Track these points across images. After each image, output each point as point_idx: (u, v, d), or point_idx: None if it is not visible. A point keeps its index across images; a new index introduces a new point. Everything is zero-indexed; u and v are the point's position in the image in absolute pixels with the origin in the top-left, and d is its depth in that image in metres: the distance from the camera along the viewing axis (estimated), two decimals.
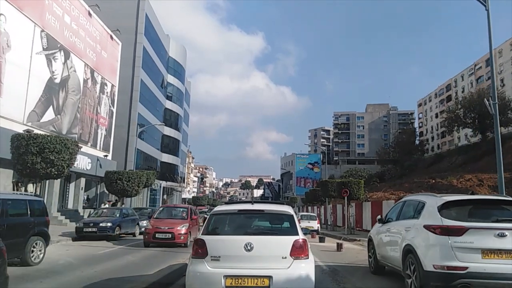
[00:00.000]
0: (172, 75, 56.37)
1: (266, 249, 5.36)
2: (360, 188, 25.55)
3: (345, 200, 25.27)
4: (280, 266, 5.23)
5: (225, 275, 5.11)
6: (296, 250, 5.35)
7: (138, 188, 25.78)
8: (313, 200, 40.04)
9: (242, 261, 5.23)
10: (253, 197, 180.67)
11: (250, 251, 5.23)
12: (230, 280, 5.09)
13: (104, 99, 32.75)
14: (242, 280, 5.09)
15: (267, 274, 5.11)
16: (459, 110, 63.21)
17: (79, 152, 27.83)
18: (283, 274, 5.16)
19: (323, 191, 31.68)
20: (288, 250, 5.32)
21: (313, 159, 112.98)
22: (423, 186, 47.00)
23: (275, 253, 5.33)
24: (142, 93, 43.25)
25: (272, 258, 5.30)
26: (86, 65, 29.28)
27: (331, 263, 11.57)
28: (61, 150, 15.66)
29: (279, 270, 5.18)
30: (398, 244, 7.30)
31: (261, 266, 5.20)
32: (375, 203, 31.06)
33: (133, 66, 41.49)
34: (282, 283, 5.10)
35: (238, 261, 5.24)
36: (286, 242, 5.40)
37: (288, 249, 5.32)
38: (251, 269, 5.16)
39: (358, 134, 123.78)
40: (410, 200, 8.10)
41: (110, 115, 34.22)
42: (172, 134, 56.94)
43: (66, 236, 17.00)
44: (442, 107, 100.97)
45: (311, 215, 29.49)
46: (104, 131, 32.91)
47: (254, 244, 5.27)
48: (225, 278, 5.10)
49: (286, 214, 5.90)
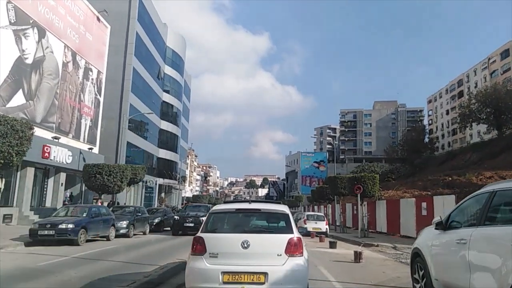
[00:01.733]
0: (170, 67, 53.11)
1: (262, 247, 5.49)
2: (375, 184, 22.18)
3: (358, 198, 21.91)
4: (275, 263, 5.36)
5: (222, 271, 5.25)
6: (291, 248, 5.46)
7: (122, 184, 22.58)
8: (320, 199, 36.63)
9: (239, 258, 5.35)
10: (257, 196, 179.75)
11: (246, 248, 5.35)
12: (227, 276, 5.23)
13: (88, 86, 29.62)
14: (239, 276, 5.23)
15: (262, 271, 5.25)
16: (473, 104, 60.34)
17: (58, 143, 25.08)
18: (278, 271, 5.29)
19: (331, 188, 28.28)
20: (283, 248, 5.44)
21: (318, 158, 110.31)
22: (438, 183, 43.57)
23: (270, 251, 5.46)
24: (135, 83, 40.10)
25: (267, 255, 5.43)
26: (66, 46, 26.16)
27: (353, 284, 8.15)
28: (6, 133, 12.43)
29: (274, 267, 5.31)
30: (491, 270, 3.99)
31: (257, 263, 5.32)
32: (392, 202, 27.64)
33: (125, 54, 38.38)
34: (277, 279, 5.24)
35: (235, 258, 5.36)
36: (281, 240, 5.52)
37: (283, 247, 5.45)
38: (248, 266, 5.29)
39: (365, 132, 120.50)
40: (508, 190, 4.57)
41: (96, 104, 31.08)
42: (170, 129, 53.68)
43: (19, 241, 13.84)
44: (453, 104, 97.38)
45: (319, 215, 26.11)
46: (89, 121, 29.79)
47: (250, 241, 5.38)
48: (223, 274, 5.24)
49: (282, 213, 5.98)
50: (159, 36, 48.61)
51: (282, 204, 6.67)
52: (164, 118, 51.52)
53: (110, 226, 16.72)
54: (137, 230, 19.97)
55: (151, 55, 45.48)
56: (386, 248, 16.90)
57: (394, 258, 13.69)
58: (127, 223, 18.49)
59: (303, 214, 27.41)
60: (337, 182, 27.28)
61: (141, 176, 28.03)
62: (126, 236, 18.31)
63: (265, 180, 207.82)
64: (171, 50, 53.20)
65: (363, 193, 21.75)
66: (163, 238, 19.81)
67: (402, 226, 23.10)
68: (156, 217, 24.23)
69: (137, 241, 17.61)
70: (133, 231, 19.08)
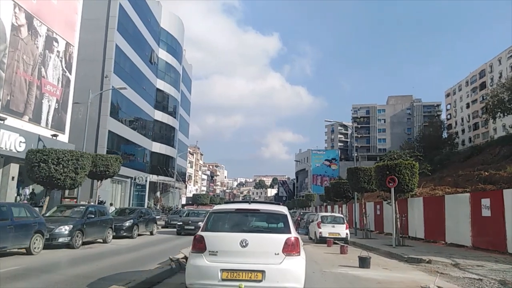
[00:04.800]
0: (165, 51, 47.54)
1: (260, 246, 5.62)
2: (414, 176, 16.39)
3: (392, 193, 16.12)
4: (272, 261, 5.48)
5: (221, 268, 5.40)
6: (288, 247, 5.59)
7: (77, 176, 17.09)
8: (336, 197, 30.81)
9: (237, 256, 5.50)
10: (266, 196, 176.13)
11: (245, 247, 5.50)
12: (226, 273, 5.38)
13: (53, 60, 24.29)
14: (237, 274, 5.37)
15: (260, 269, 5.37)
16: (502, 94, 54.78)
17: (4, 126, 19.81)
18: (275, 269, 5.41)
19: (352, 183, 22.49)
20: (281, 247, 5.57)
21: (330, 156, 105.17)
22: (472, 179, 38.10)
23: (268, 250, 5.58)
24: (120, 64, 34.73)
25: (265, 254, 5.55)
26: (17, 6, 20.86)
27: None
28: None
29: (271, 265, 5.43)
30: None
31: (255, 261, 5.46)
32: (431, 200, 21.88)
33: (106, 29, 33.04)
34: (274, 277, 5.37)
35: (234, 256, 5.52)
36: (279, 240, 5.65)
37: (280, 246, 5.57)
38: (246, 264, 5.43)
39: (379, 128, 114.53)
40: None
41: (65, 83, 25.75)
42: (165, 120, 48.07)
43: None
44: (474, 96, 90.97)
45: (337, 216, 20.27)
46: (54, 103, 24.47)
47: (249, 240, 5.53)
48: (222, 271, 5.39)
49: (280, 214, 6.12)
50: (151, 15, 43.11)
51: (280, 205, 6.67)
52: (158, 108, 46.06)
53: (31, 233, 11.24)
54: (90, 238, 14.58)
55: (141, 34, 40.04)
56: (445, 267, 11.22)
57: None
58: (69, 228, 13.08)
59: (317, 215, 21.60)
60: (358, 175, 21.57)
61: (115, 168, 22.63)
62: (71, 247, 13.00)
63: (274, 180, 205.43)
64: (166, 32, 47.62)
65: (398, 186, 16.02)
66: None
67: (448, 231, 17.35)
68: (128, 219, 18.78)
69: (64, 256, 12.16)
70: (81, 240, 13.66)
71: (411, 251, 14.03)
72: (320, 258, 12.85)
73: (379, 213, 27.03)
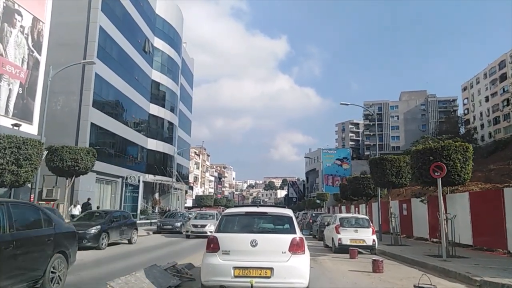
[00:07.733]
0: (161, 39, 43.57)
1: (269, 245, 6.17)
2: (468, 162, 12.13)
3: (439, 184, 11.74)
4: (280, 259, 6.02)
5: (234, 266, 5.95)
6: (293, 247, 6.13)
7: (20, 170, 13.14)
8: (354, 195, 26.40)
9: (248, 254, 6.05)
10: (276, 198, 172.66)
11: (255, 246, 6.06)
12: (238, 270, 5.93)
13: (15, 36, 20.44)
14: (248, 271, 5.91)
15: (269, 266, 5.92)
16: None
17: None
18: (283, 266, 5.97)
19: (376, 177, 18.03)
20: (287, 246, 6.12)
21: (341, 155, 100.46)
22: (509, 173, 33.77)
23: (276, 249, 6.14)
24: (106, 49, 30.82)
25: (273, 252, 6.09)
26: None
27: None
28: None
29: (279, 263, 5.98)
30: None
31: (264, 259, 5.99)
32: (480, 196, 17.43)
33: (88, 10, 29.20)
34: (282, 273, 5.91)
35: (245, 254, 6.06)
36: (285, 240, 6.20)
37: (287, 246, 6.12)
38: (256, 262, 5.96)
39: (392, 126, 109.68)
40: None
41: (33, 65, 21.86)
42: (162, 114, 43.90)
43: None
44: (494, 89, 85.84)
45: (360, 217, 15.89)
46: (17, 87, 20.59)
47: (258, 240, 6.10)
48: (234, 269, 5.94)
49: (286, 216, 6.72)
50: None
51: (286, 208, 7.39)
52: (153, 101, 42.04)
53: None
54: None
55: (132, 19, 36.11)
56: None
57: None
58: None
59: (333, 217, 17.23)
60: (385, 166, 17.23)
61: (86, 163, 18.62)
62: None
63: (284, 181, 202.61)
64: (162, 19, 43.57)
65: (445, 176, 11.70)
66: None
67: (511, 236, 13.00)
68: (94, 225, 14.74)
69: None
70: None
71: (474, 268, 9.73)
72: (345, 283, 8.67)
73: (405, 214, 22.63)
